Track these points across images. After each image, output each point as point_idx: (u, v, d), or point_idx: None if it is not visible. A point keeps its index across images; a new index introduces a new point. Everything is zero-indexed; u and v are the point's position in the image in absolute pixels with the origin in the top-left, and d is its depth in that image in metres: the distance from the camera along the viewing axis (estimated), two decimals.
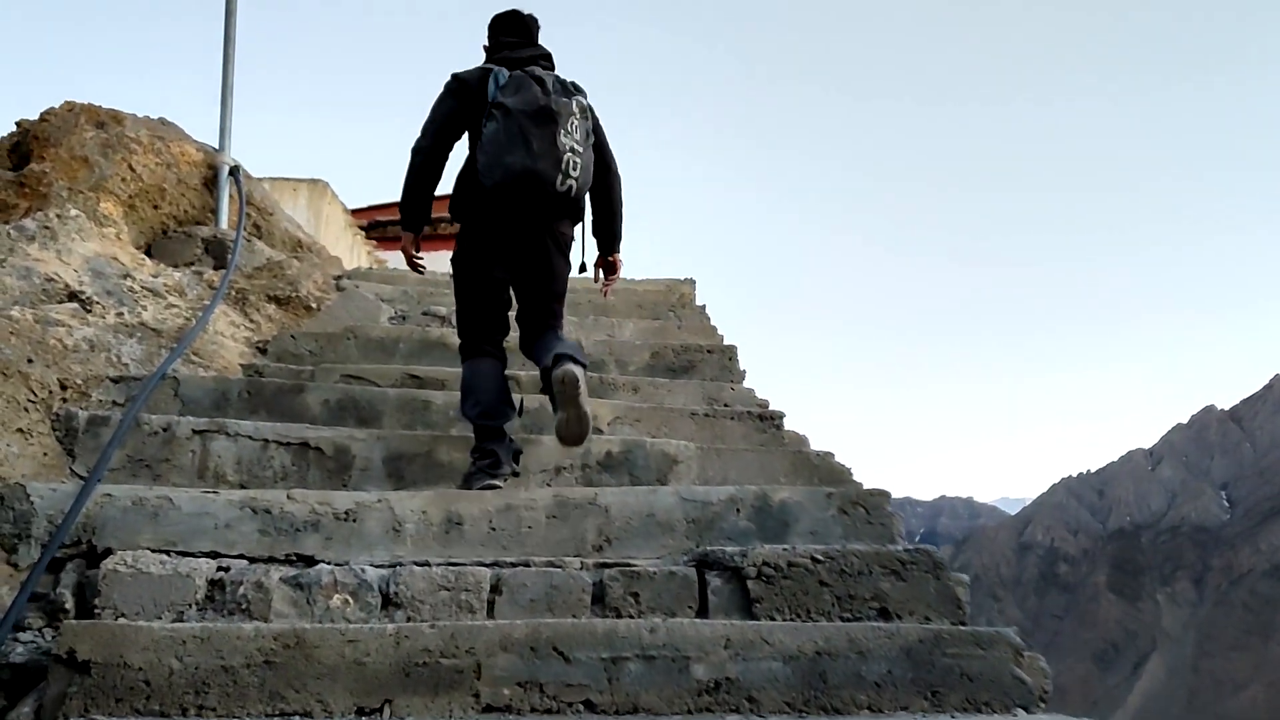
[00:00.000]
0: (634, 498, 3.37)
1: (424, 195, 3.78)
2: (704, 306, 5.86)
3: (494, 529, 3.28)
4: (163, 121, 6.29)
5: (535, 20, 3.96)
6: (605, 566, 3.09)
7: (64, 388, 3.67)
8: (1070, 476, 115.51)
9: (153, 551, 3.05)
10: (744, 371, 5.02)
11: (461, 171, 3.74)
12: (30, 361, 3.56)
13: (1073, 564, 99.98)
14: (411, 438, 3.71)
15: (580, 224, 3.88)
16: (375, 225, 24.98)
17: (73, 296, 4.34)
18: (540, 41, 3.91)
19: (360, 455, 3.65)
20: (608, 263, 4.03)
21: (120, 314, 4.32)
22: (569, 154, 3.52)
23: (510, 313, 3.91)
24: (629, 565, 3.11)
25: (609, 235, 3.98)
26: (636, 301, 5.89)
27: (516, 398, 3.86)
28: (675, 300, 6.17)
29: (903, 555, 3.04)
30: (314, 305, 5.29)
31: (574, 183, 3.55)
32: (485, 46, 3.92)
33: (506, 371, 3.87)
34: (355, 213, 24.12)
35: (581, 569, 3.07)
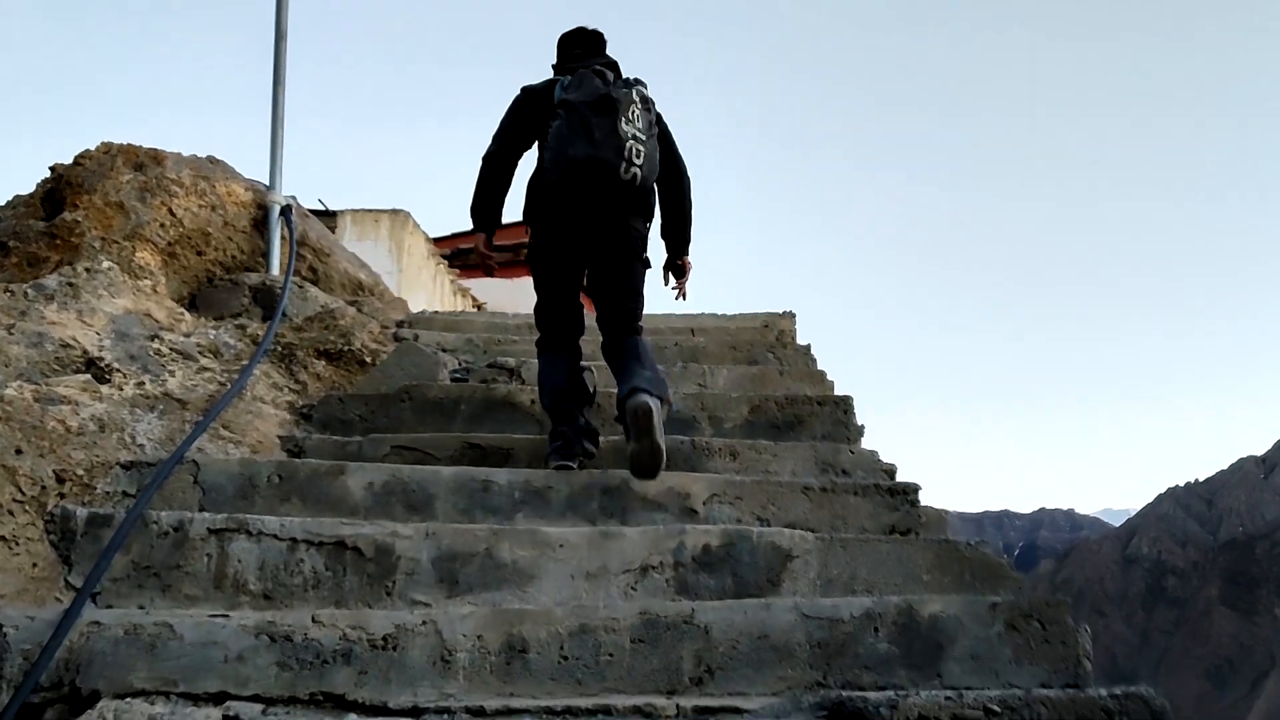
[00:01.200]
0: (742, 615, 2.67)
1: (491, 198, 3.92)
2: (808, 347, 5.12)
3: (566, 657, 2.62)
4: (211, 160, 5.81)
5: (601, 34, 4.04)
6: (708, 713, 2.40)
7: (61, 480, 3.11)
8: (1177, 486, 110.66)
9: (148, 695, 2.47)
10: (861, 427, 4.28)
11: (531, 175, 3.87)
12: (19, 452, 3.01)
13: (1182, 577, 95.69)
14: (467, 532, 3.05)
15: (651, 223, 3.89)
16: (458, 253, 24.74)
17: (90, 364, 3.81)
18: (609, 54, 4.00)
19: (406, 555, 3.01)
20: (677, 265, 4.07)
21: (142, 383, 3.78)
22: (631, 141, 3.57)
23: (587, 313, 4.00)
24: (737, 710, 2.41)
25: (679, 237, 4.02)
26: (729, 341, 5.18)
27: (590, 384, 4.01)
28: (774, 339, 5.44)
29: (1109, 703, 2.28)
30: (368, 359, 4.71)
31: (638, 170, 3.58)
32: (554, 65, 4.02)
33: (583, 363, 4.01)
34: (437, 241, 23.89)
35: (678, 715, 2.39)
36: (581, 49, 3.99)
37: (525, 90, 3.93)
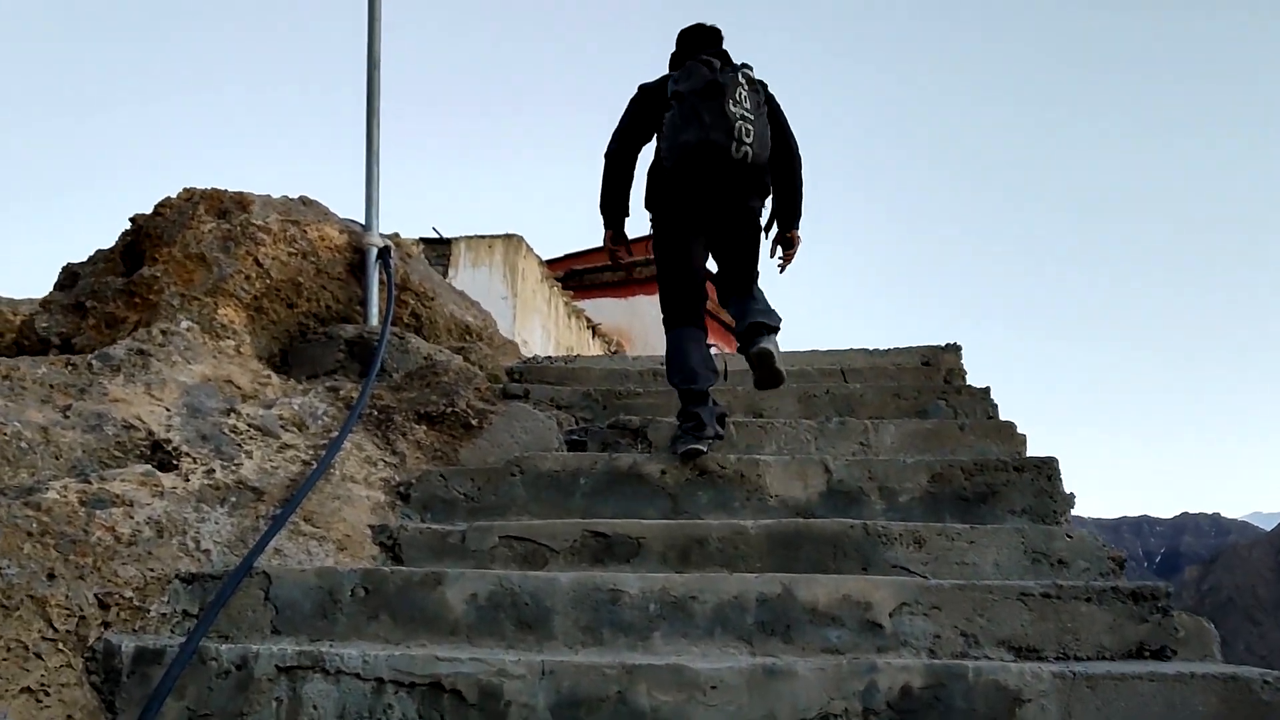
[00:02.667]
0: None
1: (616, 193, 4.07)
2: (987, 390, 4.30)
3: None
4: (303, 201, 5.34)
5: (718, 30, 4.14)
6: None
7: (105, 605, 2.57)
8: None
9: None
10: (1071, 496, 3.46)
11: (649, 167, 4.05)
12: (51, 577, 2.48)
13: None
14: (593, 670, 2.38)
15: (766, 199, 4.03)
16: (572, 275, 24.41)
17: (155, 448, 3.30)
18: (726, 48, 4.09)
19: (518, 701, 2.36)
20: (786, 239, 4.11)
21: (212, 470, 3.24)
22: (740, 121, 3.70)
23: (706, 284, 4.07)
24: None
25: (789, 211, 4.10)
26: (891, 387, 4.39)
27: (719, 362, 4.07)
28: (942, 381, 4.64)
29: None
30: (475, 421, 4.11)
31: (749, 149, 3.71)
32: (670, 61, 4.17)
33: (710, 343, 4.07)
34: (551, 263, 23.60)
35: None
36: (695, 44, 4.13)
37: (641, 88, 4.12)
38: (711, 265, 4.12)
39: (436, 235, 20.35)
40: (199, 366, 3.95)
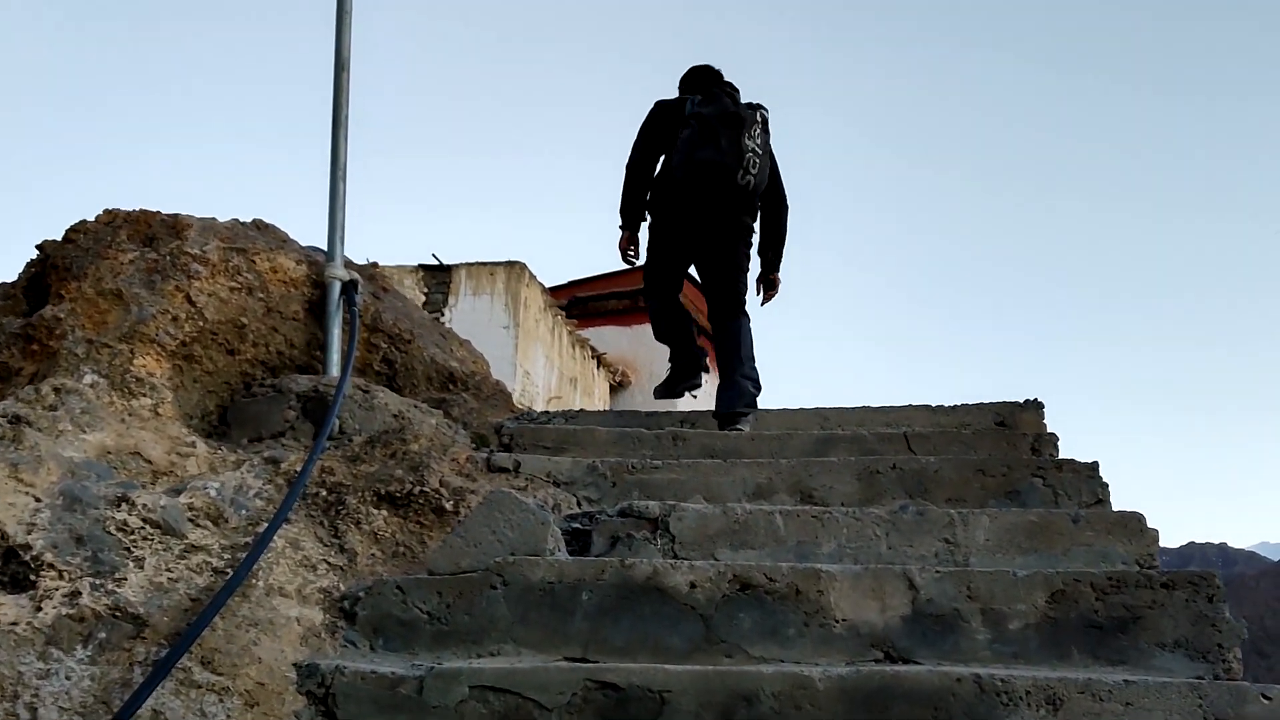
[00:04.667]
0: None
1: (635, 198, 4.67)
2: (1094, 467, 3.41)
3: None
4: (257, 226, 4.49)
5: (721, 71, 4.76)
6: None
7: None
8: None
9: None
10: (1240, 625, 2.58)
11: (658, 175, 4.60)
12: None
13: None
14: None
15: (755, 220, 4.62)
16: (576, 302, 23.57)
17: (8, 557, 2.44)
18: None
19: None
20: (769, 280, 4.79)
21: (77, 592, 2.36)
22: (750, 154, 4.26)
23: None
24: None
25: (773, 255, 4.77)
26: (972, 462, 3.49)
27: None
28: (1028, 449, 3.76)
29: None
30: (449, 505, 3.23)
31: (752, 178, 4.29)
32: (680, 86, 4.80)
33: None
34: (554, 291, 22.76)
35: None
36: (710, 78, 4.73)
37: (659, 104, 4.65)
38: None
39: (436, 262, 19.59)
40: (97, 435, 3.09)
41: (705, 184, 4.27)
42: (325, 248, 4.46)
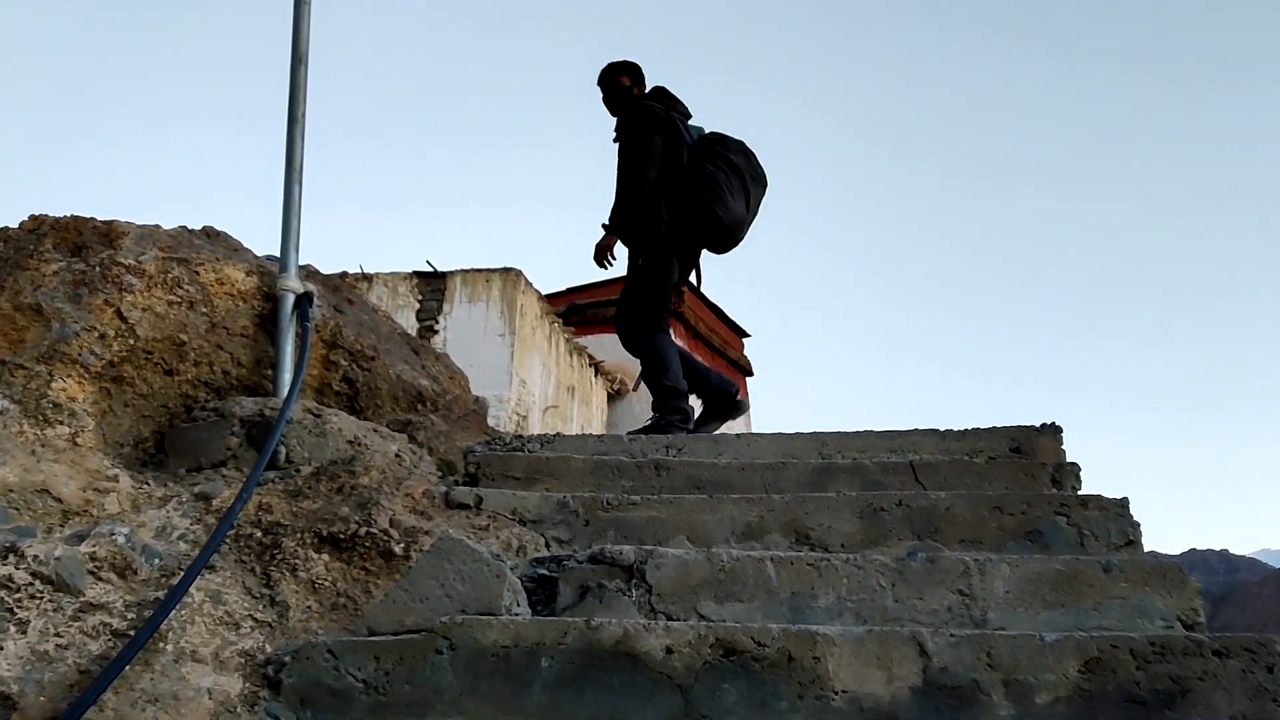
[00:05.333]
0: None
1: (633, 210, 4.87)
2: (1124, 504, 3.04)
3: None
4: (206, 234, 4.14)
5: None
6: None
7: None
8: None
9: None
10: None
11: (682, 195, 4.81)
12: None
13: None
14: None
15: None
16: (573, 309, 23.17)
17: None
18: None
19: None
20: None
21: None
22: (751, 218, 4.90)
23: None
24: None
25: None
26: (988, 497, 3.11)
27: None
28: (1048, 480, 3.39)
29: None
30: (399, 548, 2.86)
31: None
32: (633, 87, 5.21)
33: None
34: (551, 298, 22.38)
35: None
36: (678, 102, 5.09)
37: (659, 117, 4.88)
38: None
39: (431, 269, 19.24)
40: (5, 469, 2.73)
41: (725, 231, 4.75)
42: (291, 257, 4.10)
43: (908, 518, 3.05)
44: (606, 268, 4.97)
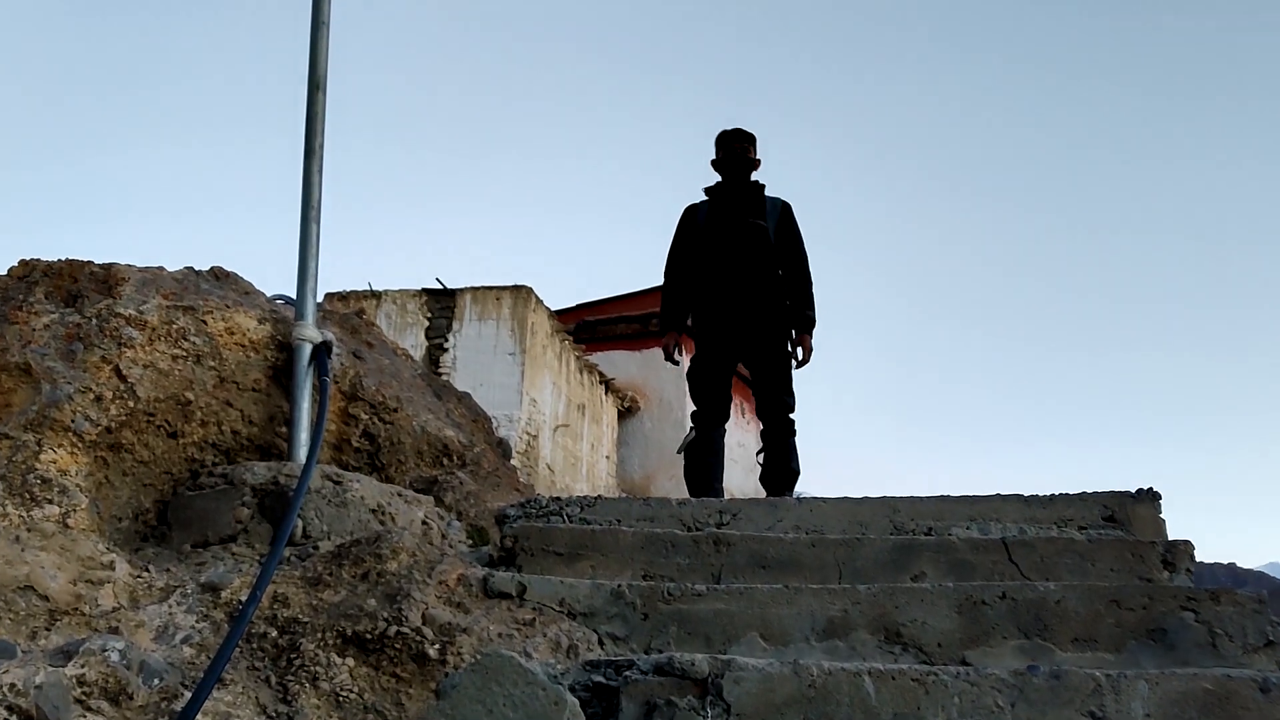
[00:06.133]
0: None
1: (672, 304, 5.03)
2: (1262, 598, 2.67)
3: None
4: (214, 275, 3.79)
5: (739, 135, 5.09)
6: None
7: None
8: None
9: None
10: None
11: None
12: None
13: None
14: None
15: None
16: (584, 326, 22.79)
17: None
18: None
19: None
20: (800, 341, 4.88)
21: None
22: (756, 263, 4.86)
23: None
24: None
25: (802, 319, 4.88)
26: (1103, 589, 2.73)
27: None
28: (1159, 561, 3.00)
29: None
30: (434, 650, 2.49)
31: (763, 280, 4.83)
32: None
33: None
34: (562, 314, 22.00)
35: None
36: (727, 153, 4.99)
37: (686, 212, 5.02)
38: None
39: (440, 286, 18.90)
40: None
41: (728, 298, 4.63)
42: (305, 300, 3.74)
43: (1013, 612, 2.67)
44: (674, 363, 5.03)
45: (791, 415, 4.68)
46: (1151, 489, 3.47)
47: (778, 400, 4.66)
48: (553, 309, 19.78)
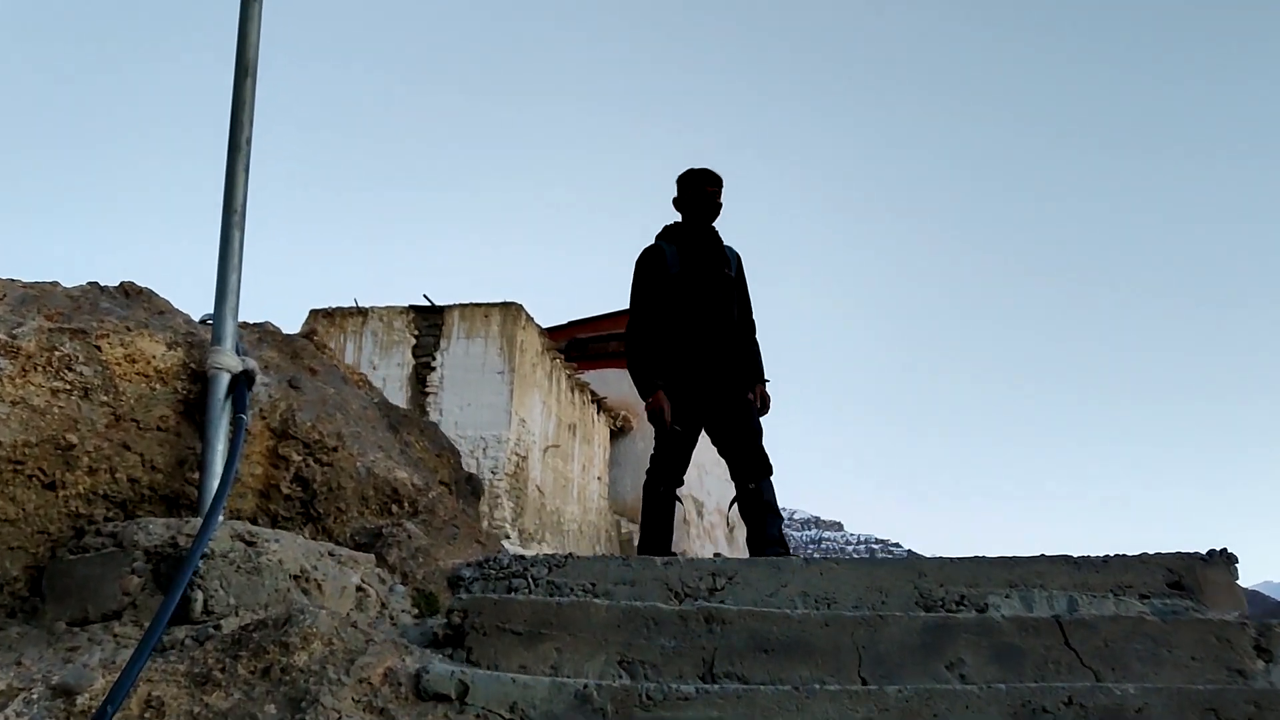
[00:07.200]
0: None
1: (644, 364, 4.46)
2: None
3: None
4: (126, 292, 3.24)
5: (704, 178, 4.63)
6: None
7: None
8: None
9: None
10: None
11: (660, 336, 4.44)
12: None
13: None
14: None
15: None
16: (575, 344, 22.21)
17: None
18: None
19: None
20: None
21: None
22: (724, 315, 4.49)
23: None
24: None
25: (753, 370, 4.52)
26: (1196, 695, 2.17)
27: None
28: (1250, 651, 2.46)
29: None
30: None
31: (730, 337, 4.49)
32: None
33: None
34: (553, 332, 21.43)
35: None
36: (692, 196, 4.57)
37: (643, 256, 4.56)
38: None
39: (428, 303, 18.34)
40: None
41: (703, 354, 4.24)
42: (226, 321, 3.18)
43: None
44: (667, 423, 4.37)
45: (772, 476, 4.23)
46: (1225, 550, 2.92)
47: (761, 460, 4.20)
48: (543, 326, 19.23)
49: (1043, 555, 3.01)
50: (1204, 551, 2.94)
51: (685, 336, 4.23)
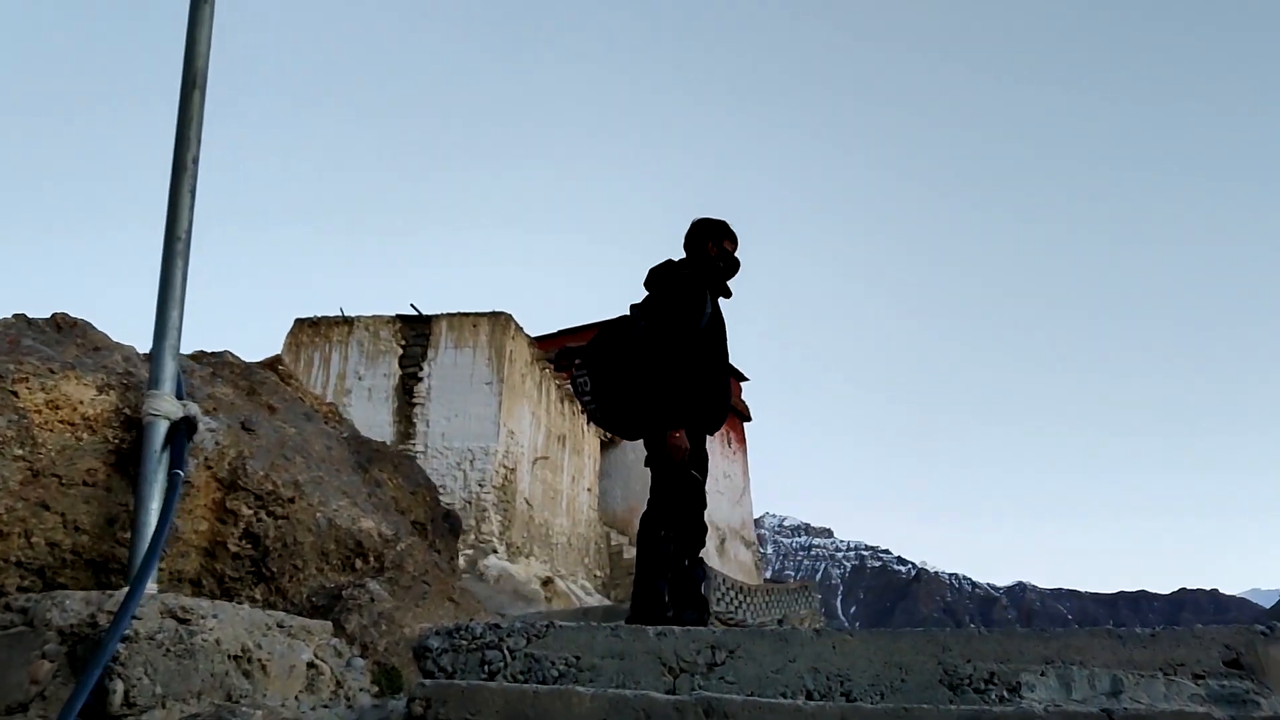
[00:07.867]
0: None
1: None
2: None
3: None
4: (57, 324, 2.89)
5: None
6: None
7: None
8: None
9: None
10: None
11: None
12: None
13: None
14: None
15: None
16: (565, 353, 21.87)
17: None
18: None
19: None
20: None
21: None
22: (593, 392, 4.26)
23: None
24: None
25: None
26: None
27: None
28: None
29: None
30: None
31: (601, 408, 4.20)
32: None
33: None
34: (542, 341, 21.05)
35: None
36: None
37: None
38: None
39: (415, 312, 17.97)
40: None
41: (719, 410, 4.09)
42: (167, 360, 2.83)
43: None
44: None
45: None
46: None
47: (703, 538, 4.08)
48: (533, 336, 18.88)
49: (1080, 628, 2.67)
50: (1263, 627, 2.61)
51: (703, 393, 3.92)
